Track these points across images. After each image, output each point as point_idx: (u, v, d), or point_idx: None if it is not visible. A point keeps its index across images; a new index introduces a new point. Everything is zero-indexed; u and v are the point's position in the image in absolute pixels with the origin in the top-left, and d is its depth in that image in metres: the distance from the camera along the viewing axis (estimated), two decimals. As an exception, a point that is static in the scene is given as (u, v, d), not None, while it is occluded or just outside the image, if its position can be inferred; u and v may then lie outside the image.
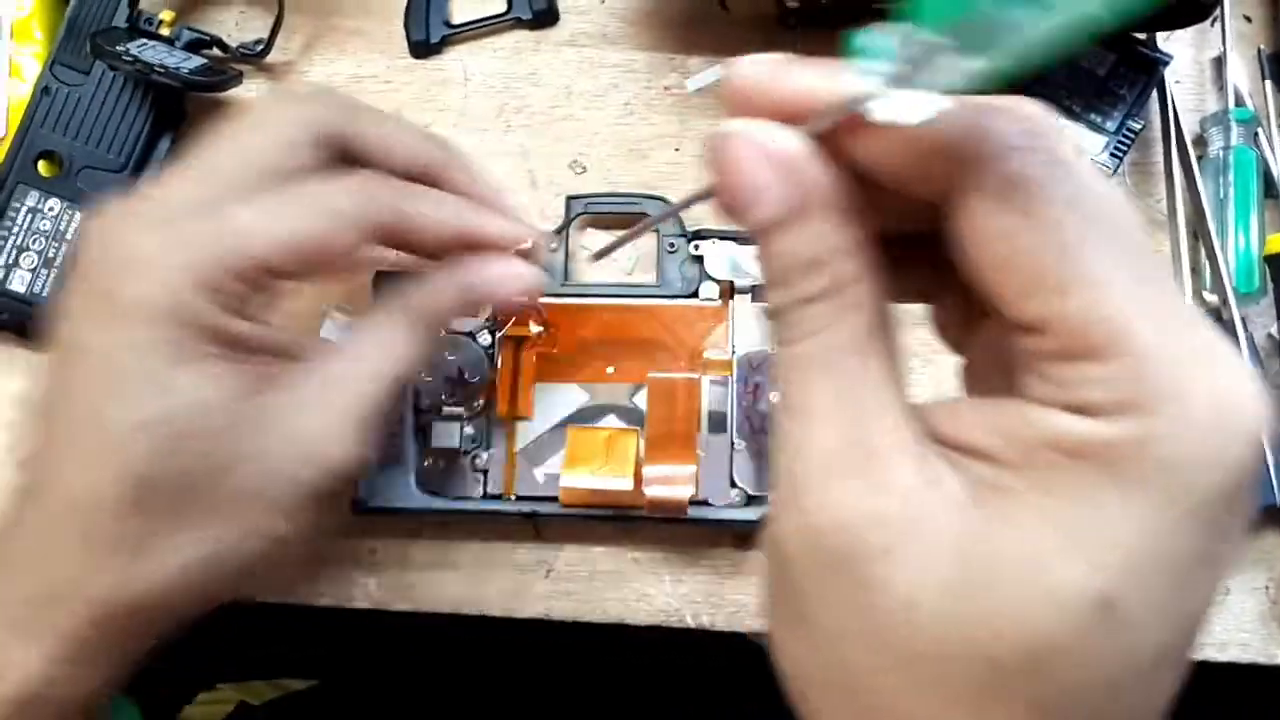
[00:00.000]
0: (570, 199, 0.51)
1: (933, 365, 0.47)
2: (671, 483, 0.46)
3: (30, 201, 0.51)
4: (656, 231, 0.50)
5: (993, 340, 0.27)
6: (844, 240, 0.24)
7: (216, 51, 0.54)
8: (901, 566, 0.23)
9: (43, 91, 0.52)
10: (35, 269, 0.51)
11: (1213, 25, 0.54)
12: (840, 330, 0.24)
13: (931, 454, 0.24)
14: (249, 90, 0.55)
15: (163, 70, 0.49)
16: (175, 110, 0.54)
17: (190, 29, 0.53)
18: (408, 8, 0.55)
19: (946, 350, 0.30)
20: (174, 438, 0.34)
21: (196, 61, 0.51)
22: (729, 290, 0.49)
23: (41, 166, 0.51)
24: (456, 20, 0.55)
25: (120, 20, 0.52)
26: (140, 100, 0.52)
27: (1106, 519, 0.22)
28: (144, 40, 0.52)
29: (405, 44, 0.55)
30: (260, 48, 0.54)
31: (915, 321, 0.29)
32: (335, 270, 0.39)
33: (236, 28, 0.56)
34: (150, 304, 0.34)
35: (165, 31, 0.52)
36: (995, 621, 0.22)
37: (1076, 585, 0.22)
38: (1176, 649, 0.23)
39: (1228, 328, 0.49)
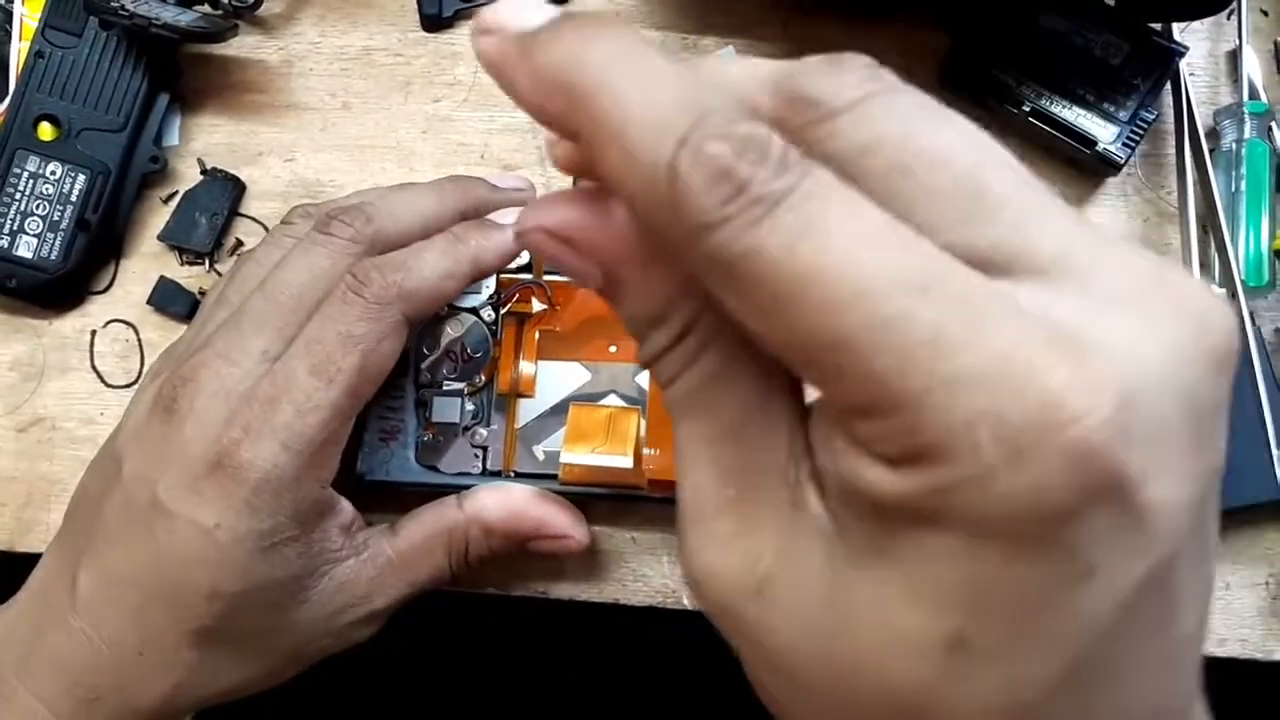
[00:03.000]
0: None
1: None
2: (672, 462, 0.46)
3: (31, 166, 0.51)
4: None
5: None
6: (670, 285, 0.23)
7: (207, 8, 0.53)
8: (774, 608, 0.23)
9: (36, 55, 0.52)
10: (40, 234, 0.51)
11: (1229, 18, 0.53)
12: (696, 371, 0.23)
13: (804, 477, 0.23)
14: (243, 45, 0.55)
15: (159, 23, 0.49)
16: (170, 67, 0.54)
17: (182, -17, 0.53)
18: (420, -20, 0.55)
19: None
20: (241, 606, 0.40)
21: (190, 15, 0.51)
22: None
23: (41, 131, 0.51)
24: (469, -6, 0.55)
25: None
26: (135, 59, 0.52)
27: (937, 565, 0.20)
28: (135, -6, 0.51)
29: (417, 17, 0.55)
30: (252, 0, 0.54)
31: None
32: None
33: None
34: (251, 505, 0.39)
35: (156, -14, 0.52)
36: (861, 669, 0.21)
37: (923, 629, 0.20)
38: (1083, 675, 0.21)
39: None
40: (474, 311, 0.48)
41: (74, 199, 0.51)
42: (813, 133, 0.21)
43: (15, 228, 0.51)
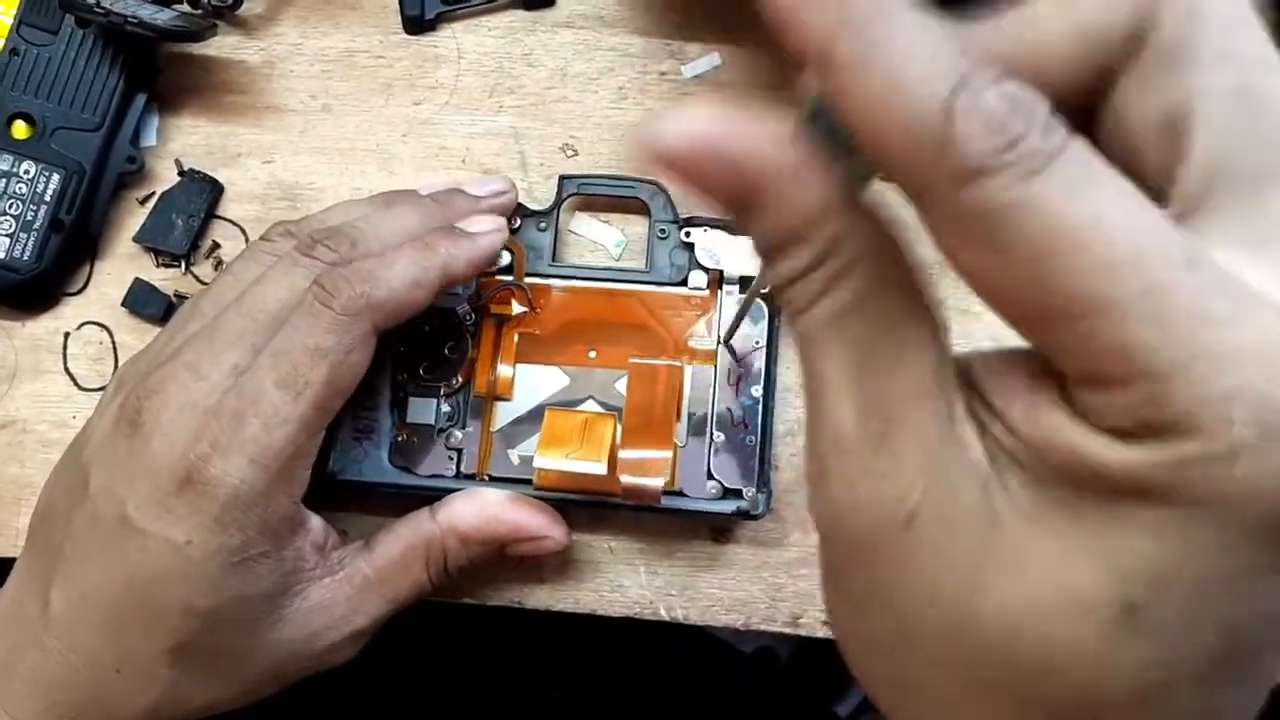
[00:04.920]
0: (564, 178, 0.50)
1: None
2: (647, 470, 0.45)
3: (4, 165, 0.50)
4: (648, 216, 0.50)
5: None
6: (817, 199, 0.22)
7: (186, 7, 0.53)
8: (920, 545, 0.22)
9: (11, 53, 0.51)
10: (13, 234, 0.50)
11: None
12: (836, 298, 0.22)
13: (960, 413, 0.22)
14: (223, 45, 0.55)
15: (135, 21, 0.48)
16: (148, 66, 0.53)
17: (160, -19, 0.52)
18: (403, -17, 0.55)
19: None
20: (217, 622, 0.40)
21: (168, 14, 0.51)
22: (718, 280, 0.49)
23: (15, 129, 0.51)
24: (452, -2, 0.55)
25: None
26: (112, 57, 0.52)
27: (1141, 538, 0.20)
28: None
29: (399, 19, 0.54)
30: (232, 0, 0.53)
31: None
32: None
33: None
34: (222, 520, 0.39)
35: (134, -16, 0.52)
36: (1008, 615, 0.21)
37: (1096, 589, 0.20)
38: (1229, 666, 0.21)
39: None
40: (453, 312, 0.48)
41: (48, 199, 0.51)
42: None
43: (-12, 227, 0.50)
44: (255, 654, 0.42)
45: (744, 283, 0.48)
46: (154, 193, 0.53)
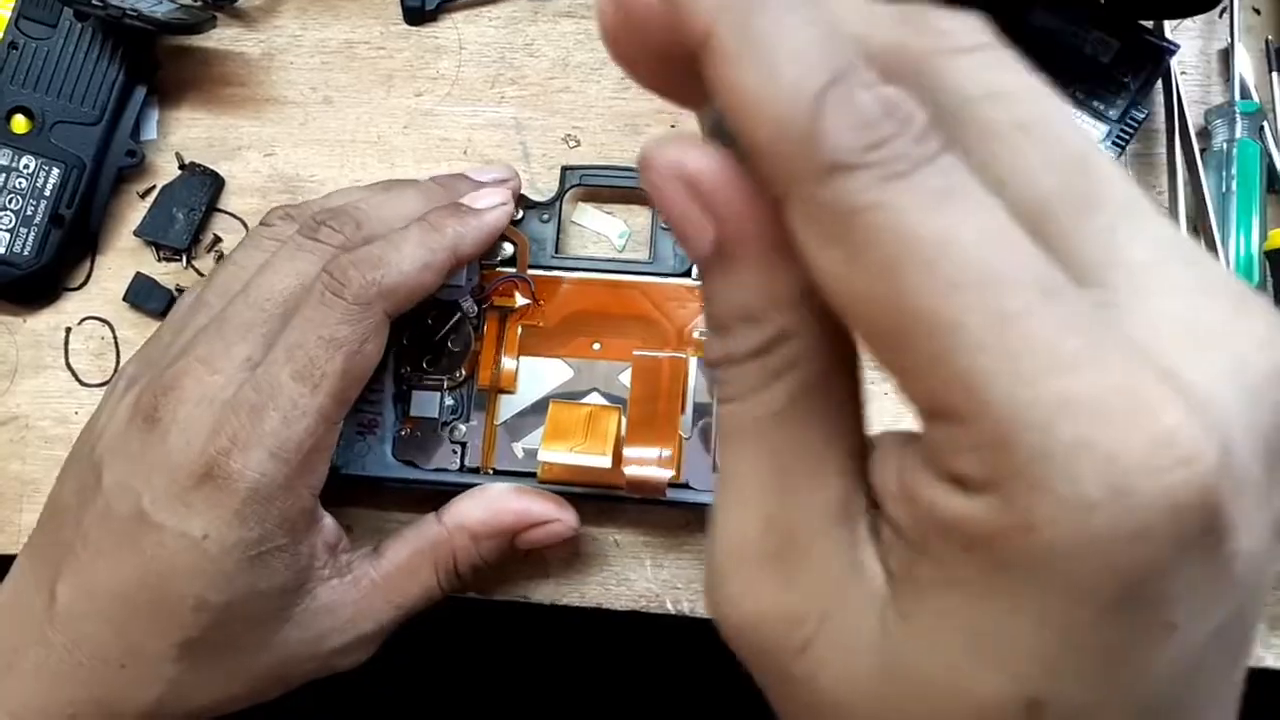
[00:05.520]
0: (566, 169, 0.50)
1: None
2: (651, 463, 0.45)
3: (3, 160, 0.50)
4: (651, 207, 0.49)
5: None
6: (781, 288, 0.20)
7: (185, -1, 0.53)
8: (822, 666, 0.21)
9: (9, 47, 0.51)
10: (13, 229, 0.50)
11: (1221, 16, 0.53)
12: (771, 395, 0.21)
13: (862, 535, 0.21)
14: (223, 38, 0.54)
15: (134, 14, 0.48)
16: (148, 59, 0.53)
17: (159, -26, 0.52)
18: (404, -26, 0.54)
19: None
20: (228, 619, 0.40)
21: (167, 6, 0.50)
22: (721, 270, 0.48)
23: (14, 123, 0.50)
24: (453, -12, 0.54)
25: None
26: (111, 51, 0.51)
27: (1011, 620, 0.18)
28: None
29: (400, 10, 0.54)
30: (230, -8, 0.53)
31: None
32: None
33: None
34: (242, 514, 0.39)
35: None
36: None
37: (999, 695, 0.19)
38: None
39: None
40: (456, 305, 0.48)
41: (48, 193, 0.50)
42: (937, 62, 0.20)
43: (-12, 222, 0.50)
44: (263, 653, 0.42)
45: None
46: (154, 186, 0.53)
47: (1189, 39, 0.53)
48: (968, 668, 0.19)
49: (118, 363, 0.52)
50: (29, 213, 0.50)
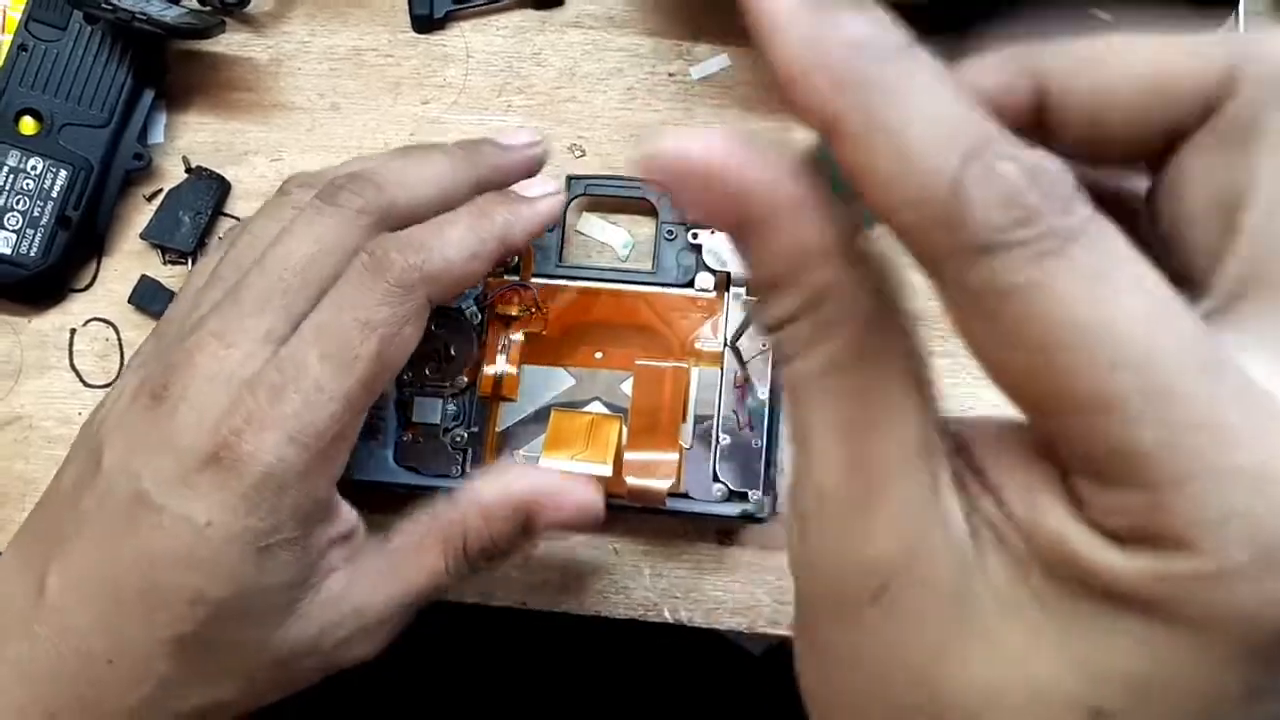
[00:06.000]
0: (571, 179, 0.50)
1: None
2: (652, 472, 0.45)
3: (11, 161, 0.50)
4: (655, 217, 0.50)
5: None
6: (810, 243, 0.21)
7: (195, 4, 0.53)
8: (892, 614, 0.21)
9: (19, 49, 0.51)
10: (20, 230, 0.50)
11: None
12: (826, 349, 0.21)
13: (945, 482, 0.21)
14: (231, 43, 0.55)
15: (144, 17, 0.48)
16: (156, 63, 0.53)
17: (168, -22, 0.52)
18: (412, -18, 0.55)
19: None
20: (228, 614, 0.36)
21: (176, 11, 0.51)
22: (725, 282, 0.48)
23: (22, 125, 0.51)
24: (461, -3, 0.54)
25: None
26: (120, 54, 0.52)
27: (1122, 647, 0.19)
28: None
29: (408, 18, 0.54)
30: (240, -3, 0.53)
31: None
32: None
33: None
34: (250, 499, 0.36)
35: (142, -20, 0.52)
36: (977, 702, 0.21)
37: (1068, 689, 0.20)
38: None
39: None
40: (460, 312, 0.48)
41: (55, 195, 0.51)
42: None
43: (-5, 222, 0.50)
44: (262, 653, 0.38)
45: (749, 285, 0.48)
46: (161, 190, 0.53)
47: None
48: (1049, 654, 0.20)
49: (121, 364, 0.52)
50: (36, 214, 0.50)
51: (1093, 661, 0.20)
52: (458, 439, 0.47)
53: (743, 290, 0.48)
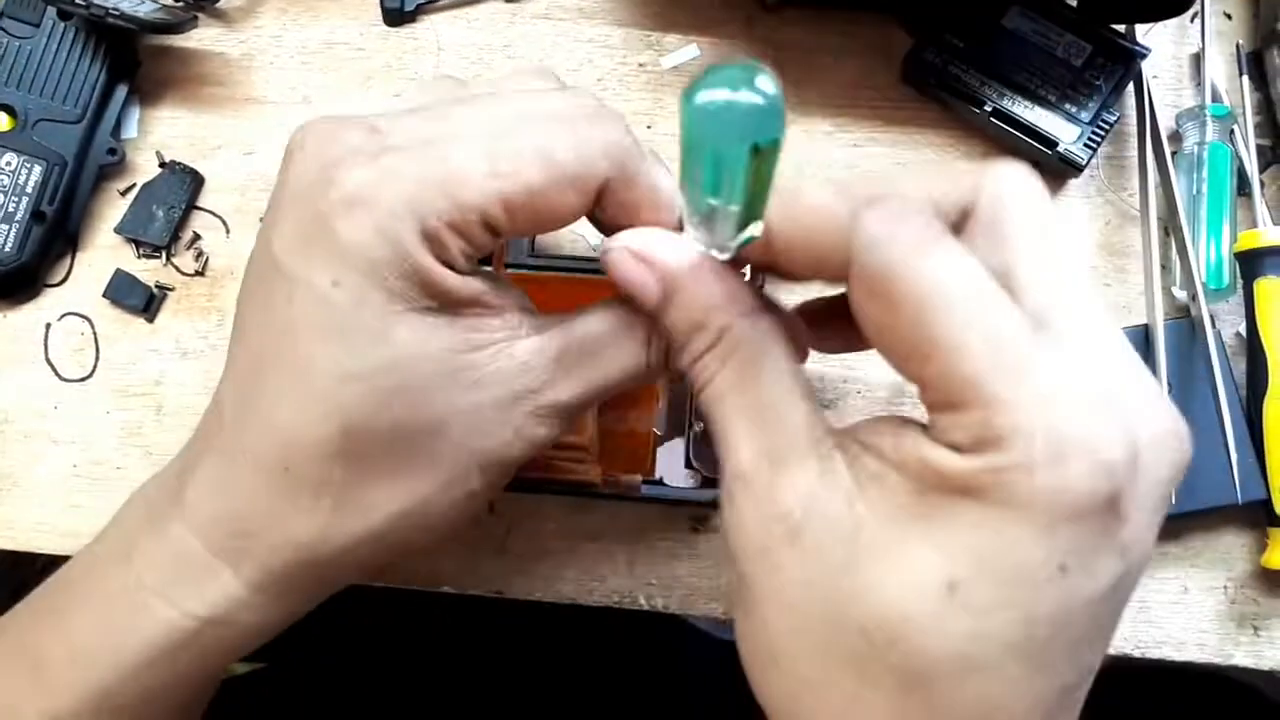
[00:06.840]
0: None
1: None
2: (625, 460, 0.45)
3: (-14, 157, 0.51)
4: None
5: None
6: (715, 297, 0.31)
7: (167, -1, 0.54)
8: (805, 551, 0.29)
9: (-8, 46, 0.51)
10: (-4, 224, 0.50)
11: (1192, 20, 0.53)
12: (730, 371, 0.31)
13: (829, 451, 0.30)
14: (204, 38, 0.55)
15: (117, 13, 0.49)
16: (129, 58, 0.54)
17: (141, -26, 0.52)
18: (383, -25, 0.55)
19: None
20: (387, 391, 0.32)
21: (149, 6, 0.51)
22: (695, 270, 0.49)
23: (-4, 121, 0.51)
24: (432, -11, 0.55)
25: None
26: (93, 50, 0.52)
27: (964, 528, 0.27)
28: (94, -15, 0.51)
29: (379, 11, 0.55)
30: (212, -8, 0.53)
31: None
32: (556, 227, 0.34)
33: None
34: (372, 251, 0.31)
35: (115, -23, 0.52)
36: (865, 595, 0.28)
37: (928, 569, 0.27)
38: (1030, 650, 0.27)
39: (1196, 325, 0.48)
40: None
41: (30, 190, 0.51)
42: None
43: (-31, 218, 0.50)
44: (444, 430, 0.33)
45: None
46: (135, 184, 0.53)
47: (1160, 43, 0.54)
48: (914, 546, 0.27)
49: (97, 358, 0.52)
50: (10, 209, 0.51)
51: (948, 543, 0.27)
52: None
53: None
